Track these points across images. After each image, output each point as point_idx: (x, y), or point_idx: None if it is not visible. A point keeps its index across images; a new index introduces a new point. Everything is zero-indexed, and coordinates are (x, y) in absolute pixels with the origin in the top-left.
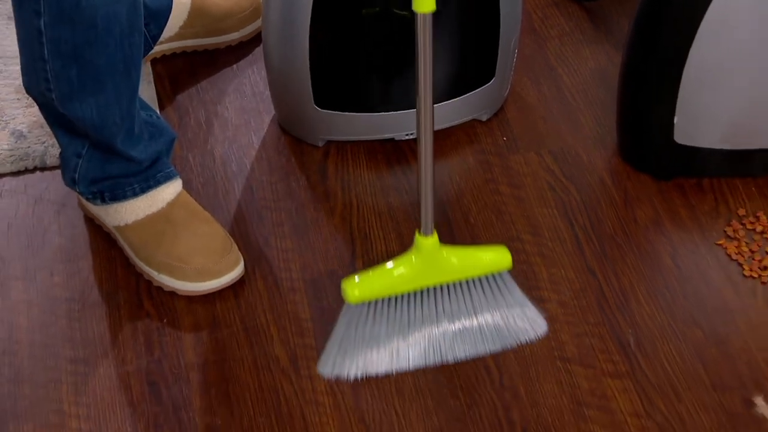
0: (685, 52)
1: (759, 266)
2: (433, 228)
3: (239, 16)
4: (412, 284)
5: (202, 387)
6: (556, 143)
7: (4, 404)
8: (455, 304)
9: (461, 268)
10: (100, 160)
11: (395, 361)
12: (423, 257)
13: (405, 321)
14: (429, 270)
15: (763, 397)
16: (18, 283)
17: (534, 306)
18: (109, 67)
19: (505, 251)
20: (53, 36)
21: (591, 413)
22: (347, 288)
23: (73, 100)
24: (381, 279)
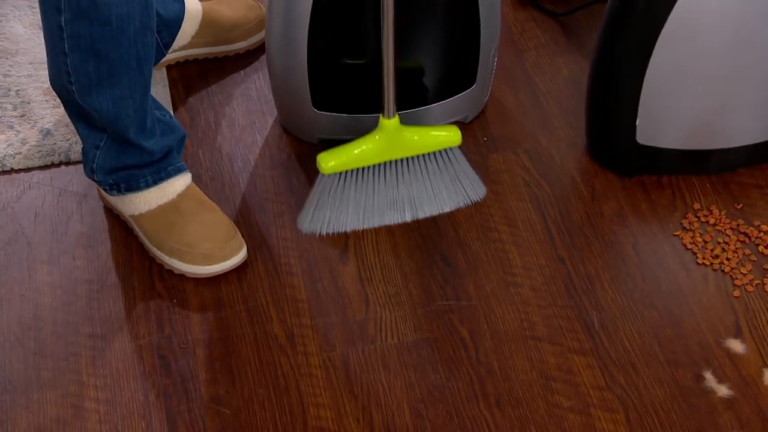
0: (645, 60)
1: (711, 255)
2: (395, 112)
3: (246, 27)
4: (376, 158)
5: (207, 361)
6: (531, 144)
7: (29, 375)
8: (413, 173)
9: (419, 144)
10: (116, 151)
11: (362, 220)
12: (386, 136)
13: (371, 188)
14: (391, 146)
15: (712, 372)
16: (43, 266)
17: (478, 176)
18: (123, 63)
19: (456, 130)
20: (72, 31)
21: (558, 386)
22: (322, 160)
23: (92, 93)
24: (351, 153)
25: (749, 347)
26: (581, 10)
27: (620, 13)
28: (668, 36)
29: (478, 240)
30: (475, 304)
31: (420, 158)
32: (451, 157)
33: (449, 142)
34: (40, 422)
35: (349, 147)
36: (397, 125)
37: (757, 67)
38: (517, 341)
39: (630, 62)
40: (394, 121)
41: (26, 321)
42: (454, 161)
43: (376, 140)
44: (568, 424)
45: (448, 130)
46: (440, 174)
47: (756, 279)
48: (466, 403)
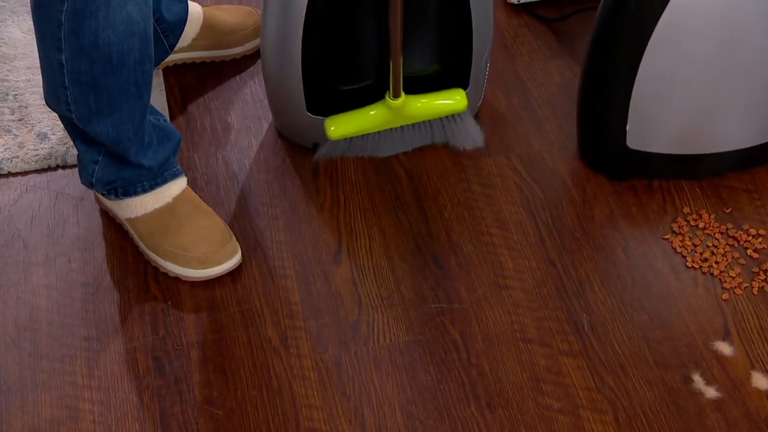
0: (635, 65)
1: (700, 258)
2: (401, 92)
3: (243, 32)
4: (382, 127)
5: (201, 363)
6: (524, 148)
7: (24, 376)
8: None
9: (424, 113)
10: (114, 166)
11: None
12: (392, 110)
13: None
14: (398, 116)
15: (700, 374)
16: (39, 268)
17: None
18: (123, 92)
19: (462, 95)
20: (73, 68)
21: (548, 388)
22: (328, 126)
23: (92, 121)
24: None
25: (737, 350)
26: (573, 16)
27: (610, 20)
28: (657, 42)
29: (470, 243)
30: (466, 306)
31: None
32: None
33: (455, 109)
34: (35, 423)
35: (356, 118)
36: (404, 103)
37: (745, 72)
38: (507, 343)
39: (620, 67)
40: (401, 101)
41: (22, 323)
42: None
43: (382, 112)
44: (558, 425)
45: (453, 96)
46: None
47: (744, 282)
48: (457, 404)
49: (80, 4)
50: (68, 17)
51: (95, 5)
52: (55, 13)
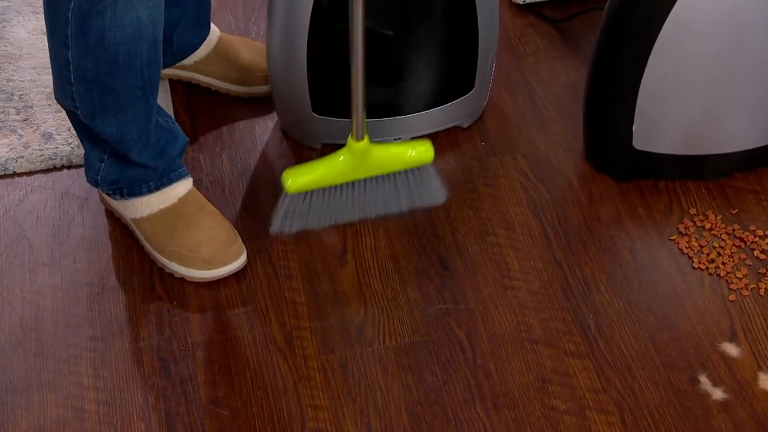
0: (642, 66)
1: (707, 259)
2: (365, 133)
3: (255, 74)
4: (344, 178)
5: (206, 363)
6: (529, 148)
7: (30, 376)
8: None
9: (389, 163)
10: (119, 165)
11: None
12: (355, 156)
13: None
14: (360, 166)
15: (707, 375)
16: (45, 268)
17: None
18: (128, 94)
19: (429, 146)
20: (79, 65)
21: (554, 389)
22: (286, 178)
23: (96, 119)
24: (317, 174)
25: (744, 351)
26: (579, 16)
27: (617, 20)
28: (664, 43)
29: (476, 244)
30: (472, 307)
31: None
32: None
33: (421, 160)
34: (41, 423)
35: (316, 167)
36: (367, 146)
37: (752, 73)
38: (514, 344)
39: (627, 68)
40: (364, 143)
41: (28, 323)
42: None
43: (342, 161)
44: (564, 426)
45: (420, 146)
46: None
47: (751, 283)
48: (463, 405)
49: (87, 3)
50: (75, 15)
51: (102, 5)
52: (62, 9)
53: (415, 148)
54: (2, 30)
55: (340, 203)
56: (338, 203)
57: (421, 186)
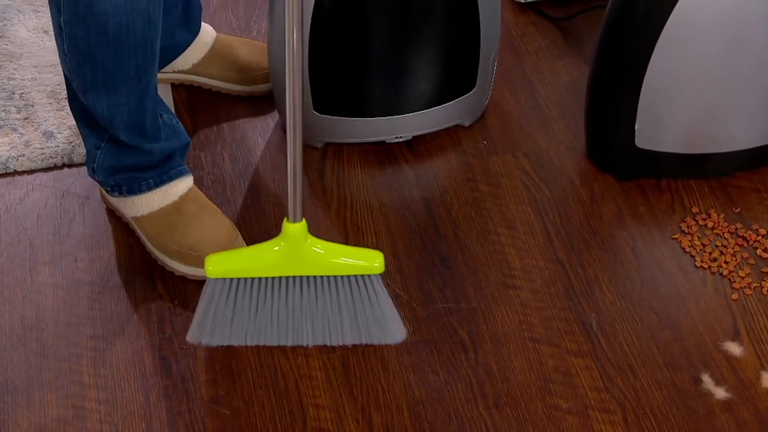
0: (644, 66)
1: (709, 258)
2: (301, 216)
3: (255, 73)
4: (274, 271)
5: (207, 362)
6: (531, 147)
7: (30, 375)
8: (320, 297)
9: (328, 265)
10: (116, 151)
11: (249, 337)
12: (289, 245)
13: (268, 306)
14: (294, 260)
15: (710, 374)
16: (45, 267)
17: (397, 315)
18: (121, 72)
19: (378, 255)
20: (71, 33)
21: (556, 388)
22: (208, 263)
23: (87, 94)
24: (243, 260)
25: (747, 350)
26: (580, 15)
27: (619, 19)
28: (666, 41)
29: (478, 242)
30: (474, 306)
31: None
32: (368, 286)
33: (366, 270)
34: (42, 422)
35: (243, 252)
36: (303, 233)
37: (754, 72)
38: (515, 343)
39: (629, 67)
40: (299, 228)
41: (28, 322)
42: (371, 291)
43: (275, 251)
44: (566, 425)
45: (368, 255)
46: (350, 303)
47: (754, 282)
48: (464, 404)
49: None
50: None
51: None
52: None
53: (363, 254)
54: (3, 28)
55: (269, 318)
56: (266, 317)
57: (372, 316)
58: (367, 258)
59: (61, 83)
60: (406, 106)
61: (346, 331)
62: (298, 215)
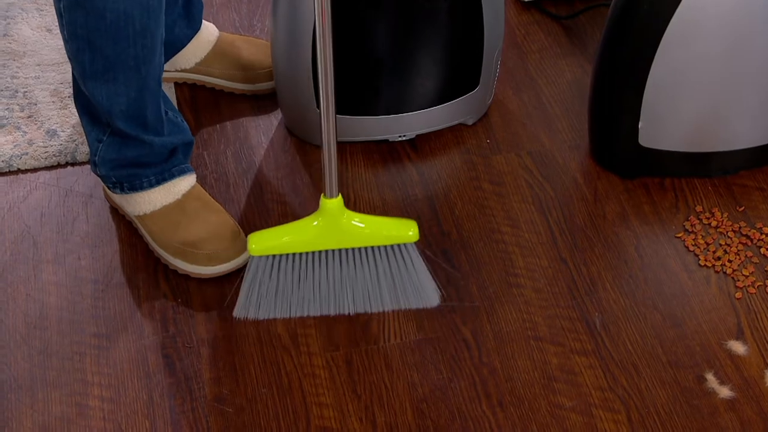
0: (647, 64)
1: (713, 257)
2: (338, 192)
3: (257, 71)
4: (314, 246)
5: (211, 360)
6: (535, 146)
7: (34, 374)
8: (359, 267)
9: (365, 236)
10: (117, 144)
11: (298, 310)
12: (327, 221)
13: (307, 274)
14: (333, 234)
15: (714, 373)
16: (49, 265)
17: (432, 280)
18: (119, 61)
19: (412, 224)
20: (69, 19)
21: (560, 387)
22: (251, 241)
23: (86, 82)
24: (283, 238)
25: (751, 349)
26: (584, 14)
27: (623, 18)
28: (670, 40)
29: (481, 241)
30: (478, 304)
31: (368, 251)
32: (404, 254)
33: (402, 238)
34: (45, 420)
35: (284, 229)
36: (341, 208)
37: (757, 72)
38: (519, 342)
39: (632, 66)
40: (337, 203)
41: (32, 320)
42: (407, 259)
43: (314, 226)
44: (570, 424)
45: (403, 224)
46: (388, 272)
47: (758, 281)
48: (468, 403)
49: None
50: None
51: None
52: None
53: (397, 225)
54: (7, 27)
55: (311, 289)
56: (309, 289)
57: (410, 282)
58: (402, 227)
59: (64, 81)
60: (409, 104)
61: (385, 298)
62: (335, 191)
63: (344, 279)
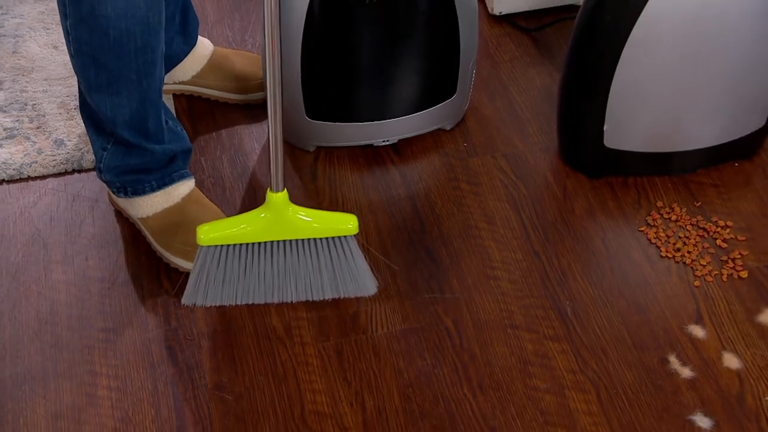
0: (611, 73)
1: (673, 248)
2: (283, 186)
3: (250, 82)
4: (260, 236)
5: (211, 351)
6: (508, 148)
7: (46, 366)
8: (301, 258)
9: (308, 228)
10: (121, 152)
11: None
12: (273, 213)
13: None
14: (278, 225)
15: (676, 355)
16: (58, 266)
17: (369, 270)
18: (122, 75)
19: (352, 218)
20: (76, 36)
21: (535, 370)
22: (200, 231)
23: (92, 94)
24: (232, 228)
25: (709, 332)
26: (551, 26)
27: (587, 30)
28: (631, 51)
29: (460, 237)
30: (458, 296)
31: (309, 242)
32: (344, 246)
33: (341, 231)
34: (57, 409)
35: (232, 221)
36: (285, 202)
37: (710, 78)
38: (497, 330)
39: (597, 74)
40: (282, 197)
41: (43, 316)
42: (347, 250)
43: (261, 218)
44: (545, 404)
45: (343, 218)
46: (329, 262)
47: (714, 270)
48: (451, 387)
49: None
50: None
51: None
52: None
53: (339, 217)
54: (16, 45)
55: (257, 280)
56: (254, 278)
57: (349, 272)
58: (343, 221)
59: (70, 95)
60: (392, 111)
61: (326, 287)
62: (281, 185)
63: (288, 269)
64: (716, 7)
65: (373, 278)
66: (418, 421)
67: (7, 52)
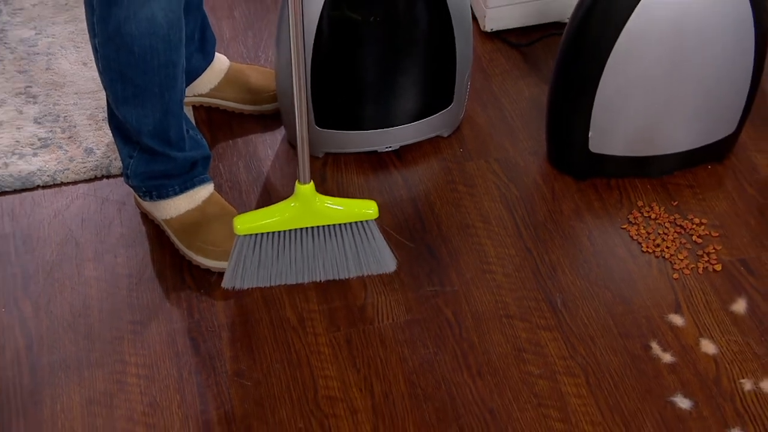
0: (595, 83)
1: (653, 244)
2: (310, 178)
3: (263, 95)
4: (291, 224)
5: (230, 341)
6: (501, 153)
7: (80, 356)
8: (328, 241)
9: (333, 214)
10: (146, 160)
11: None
12: (301, 203)
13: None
14: (306, 213)
15: (657, 342)
16: (89, 263)
17: (389, 251)
18: (146, 89)
19: (372, 204)
20: (104, 54)
21: (528, 357)
22: (237, 222)
23: (119, 107)
24: (265, 218)
25: (687, 321)
26: (539, 42)
27: (573, 44)
28: (614, 63)
29: (458, 235)
30: (457, 289)
31: (335, 227)
32: (366, 229)
33: (364, 216)
34: (91, 395)
35: (265, 212)
36: (312, 192)
37: (688, 88)
38: (493, 320)
39: (582, 84)
40: (309, 188)
41: (77, 309)
42: (369, 233)
43: (291, 207)
44: (538, 388)
45: (364, 204)
46: (352, 244)
47: (691, 263)
48: (452, 373)
49: None
50: (99, 3)
51: None
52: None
53: (360, 204)
54: (48, 62)
55: (288, 263)
56: (286, 262)
57: (371, 252)
58: (365, 207)
59: (99, 107)
60: (394, 120)
61: (350, 267)
62: (308, 177)
63: (316, 252)
64: (693, 23)
65: (392, 257)
66: (422, 404)
67: (41, 68)
